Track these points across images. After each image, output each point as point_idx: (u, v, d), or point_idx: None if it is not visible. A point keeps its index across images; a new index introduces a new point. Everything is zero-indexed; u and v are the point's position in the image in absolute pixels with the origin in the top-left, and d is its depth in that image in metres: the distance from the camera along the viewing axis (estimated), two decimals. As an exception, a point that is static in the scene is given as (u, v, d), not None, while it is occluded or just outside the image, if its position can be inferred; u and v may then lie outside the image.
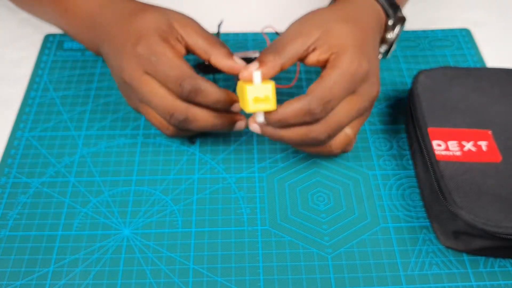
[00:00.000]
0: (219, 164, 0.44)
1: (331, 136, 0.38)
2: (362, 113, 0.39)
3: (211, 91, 0.38)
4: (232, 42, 0.55)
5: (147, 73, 0.39)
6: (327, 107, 0.37)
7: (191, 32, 0.41)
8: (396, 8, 0.44)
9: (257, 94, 0.36)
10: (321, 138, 0.38)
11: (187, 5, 0.59)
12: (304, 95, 0.37)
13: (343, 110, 0.38)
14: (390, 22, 0.44)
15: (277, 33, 0.45)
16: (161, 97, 0.39)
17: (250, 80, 0.37)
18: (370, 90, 0.39)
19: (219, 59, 0.40)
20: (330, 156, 0.42)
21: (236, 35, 0.55)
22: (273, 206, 0.41)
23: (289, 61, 0.38)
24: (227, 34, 0.55)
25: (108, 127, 0.46)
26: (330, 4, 0.45)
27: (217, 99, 0.39)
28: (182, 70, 0.38)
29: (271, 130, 0.38)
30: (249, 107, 0.36)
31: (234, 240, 0.39)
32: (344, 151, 0.42)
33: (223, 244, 0.39)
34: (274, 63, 0.37)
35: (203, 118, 0.40)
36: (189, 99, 0.39)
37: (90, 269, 0.37)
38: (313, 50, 0.39)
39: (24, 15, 0.57)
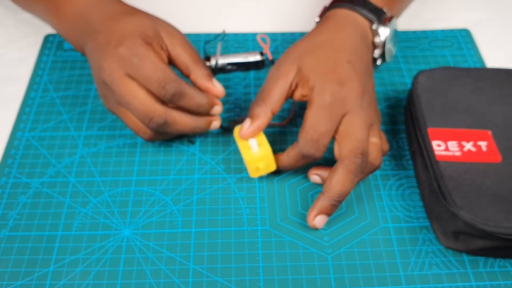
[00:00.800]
0: (219, 164, 0.44)
1: (363, 154, 0.38)
2: (369, 123, 0.39)
3: (194, 94, 0.39)
4: (232, 43, 0.55)
5: (128, 75, 0.39)
6: (319, 146, 0.38)
7: (176, 44, 0.41)
8: (378, 11, 0.44)
9: (257, 165, 0.40)
10: (359, 162, 0.38)
11: (188, 6, 0.59)
12: (296, 142, 0.39)
13: (351, 126, 0.38)
14: (374, 27, 0.44)
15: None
16: (140, 100, 0.39)
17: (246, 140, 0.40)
18: (360, 102, 0.39)
19: (199, 79, 0.41)
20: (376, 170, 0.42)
21: (236, 35, 0.55)
22: (273, 206, 0.41)
23: (277, 104, 0.40)
24: (227, 34, 0.56)
25: (108, 127, 0.47)
26: (315, 25, 0.46)
27: (200, 103, 0.40)
28: (165, 73, 0.38)
29: (328, 203, 0.39)
30: (252, 175, 0.41)
31: (234, 240, 0.39)
32: (384, 152, 0.41)
33: (223, 244, 0.39)
34: (265, 113, 0.39)
35: (182, 121, 0.40)
36: (172, 102, 0.39)
37: (90, 269, 0.37)
38: (296, 86, 0.40)
39: (24, 15, 0.57)
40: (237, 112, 0.48)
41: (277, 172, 0.43)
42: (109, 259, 0.38)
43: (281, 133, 0.47)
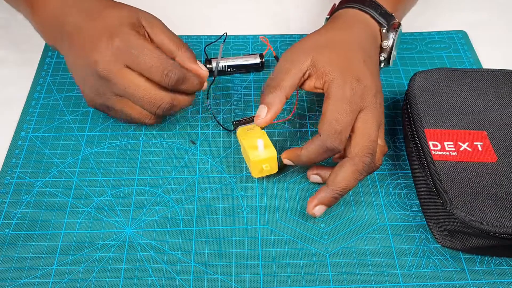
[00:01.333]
0: (220, 164, 0.45)
1: (373, 154, 0.39)
2: (379, 125, 0.40)
3: (192, 78, 0.42)
4: (233, 44, 0.55)
5: (127, 66, 0.40)
6: (342, 138, 0.38)
7: (158, 32, 0.43)
8: (388, 16, 0.45)
9: (262, 166, 0.41)
10: (368, 161, 0.38)
11: (188, 9, 0.60)
12: (316, 135, 0.38)
13: (365, 124, 0.39)
14: (384, 31, 0.44)
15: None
16: (144, 89, 0.40)
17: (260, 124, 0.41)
18: (375, 101, 0.40)
19: (186, 62, 0.42)
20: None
21: (236, 37, 0.56)
22: (273, 205, 0.42)
23: (289, 91, 0.40)
24: (227, 36, 0.56)
25: (111, 127, 0.47)
26: (325, 22, 0.47)
27: (195, 84, 0.42)
28: (165, 60, 0.40)
29: (331, 196, 0.39)
30: (254, 176, 0.42)
31: (234, 238, 0.40)
32: (383, 153, 0.42)
33: (224, 242, 0.39)
34: (279, 100, 0.40)
35: (183, 102, 0.43)
36: (174, 87, 0.41)
37: (92, 267, 0.38)
38: (308, 77, 0.41)
39: (27, 17, 0.57)
40: (237, 113, 0.49)
41: (277, 172, 0.43)
42: (111, 257, 0.38)
43: (281, 133, 0.47)
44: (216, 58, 0.50)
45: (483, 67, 0.53)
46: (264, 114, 0.40)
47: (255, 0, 0.61)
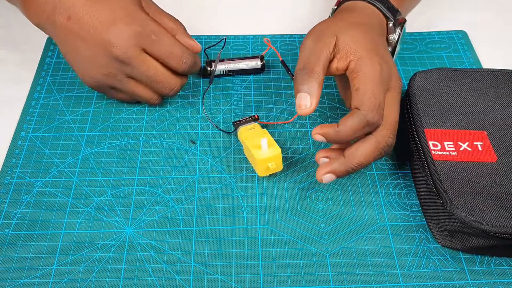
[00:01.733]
0: (220, 164, 0.45)
1: (395, 135, 0.39)
2: (399, 104, 0.40)
3: (199, 63, 0.45)
4: (233, 45, 0.55)
5: (144, 50, 0.42)
6: (381, 112, 0.37)
7: (155, 12, 0.45)
8: (395, 11, 0.45)
9: (268, 165, 0.41)
10: (390, 142, 0.38)
11: (188, 9, 0.60)
12: (355, 110, 0.37)
13: (391, 105, 0.39)
14: (391, 24, 0.45)
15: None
16: (162, 73, 0.43)
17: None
18: (398, 85, 0.40)
19: (183, 38, 0.46)
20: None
21: (237, 37, 0.56)
22: (273, 205, 0.42)
23: (322, 77, 0.39)
24: (227, 36, 0.56)
25: (111, 127, 0.47)
26: (332, 15, 0.47)
27: (199, 66, 0.46)
28: (182, 48, 0.43)
29: (344, 169, 0.38)
30: (260, 175, 0.42)
31: (234, 238, 0.40)
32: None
33: (224, 242, 0.39)
34: (318, 85, 0.38)
35: (185, 82, 0.46)
36: (186, 72, 0.44)
37: (92, 267, 0.38)
38: (332, 58, 0.40)
39: (27, 17, 0.58)
40: (237, 113, 0.49)
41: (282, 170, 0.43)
42: (111, 257, 0.38)
43: (281, 133, 0.47)
44: (215, 62, 0.50)
45: (483, 67, 0.53)
46: (308, 102, 0.38)
47: (255, 0, 0.61)
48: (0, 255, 0.38)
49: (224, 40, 0.49)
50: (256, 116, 0.45)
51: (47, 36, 0.56)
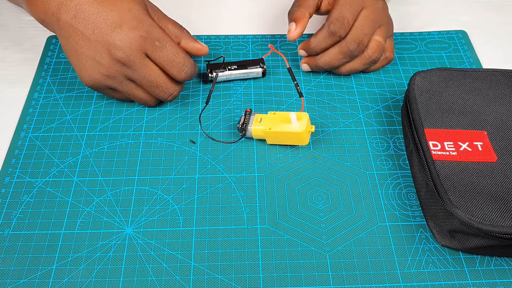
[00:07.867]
0: (220, 164, 0.45)
1: (360, 43, 0.46)
2: (378, 24, 0.47)
3: (197, 71, 0.46)
4: (233, 45, 0.55)
5: (147, 55, 0.42)
6: (344, 24, 0.45)
7: (161, 18, 0.46)
8: None
9: (308, 130, 0.44)
10: (352, 48, 0.46)
11: (188, 9, 0.60)
12: (324, 24, 0.46)
13: (361, 20, 0.46)
14: None
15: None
16: (163, 79, 0.44)
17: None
18: (375, 2, 0.47)
19: (190, 43, 0.48)
20: (376, 68, 0.51)
21: (237, 37, 0.56)
22: (272, 205, 0.42)
23: (312, 9, 0.48)
24: (227, 36, 0.56)
25: (111, 127, 0.47)
26: None
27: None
28: (184, 57, 0.43)
29: (314, 62, 0.49)
30: (305, 143, 0.44)
31: (234, 238, 0.40)
32: (387, 59, 0.50)
33: (223, 242, 0.39)
34: (304, 15, 0.47)
35: (181, 88, 0.47)
36: (185, 80, 0.45)
37: (92, 267, 0.38)
38: (320, 3, 0.48)
39: (28, 17, 0.58)
40: (237, 113, 0.49)
41: (280, 170, 0.43)
42: (111, 257, 0.38)
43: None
44: (217, 70, 0.50)
45: (483, 67, 0.53)
46: (294, 27, 0.47)
47: (255, 0, 0.61)
48: (0, 255, 0.38)
49: (223, 58, 0.50)
50: (249, 110, 0.46)
51: (47, 36, 0.56)
